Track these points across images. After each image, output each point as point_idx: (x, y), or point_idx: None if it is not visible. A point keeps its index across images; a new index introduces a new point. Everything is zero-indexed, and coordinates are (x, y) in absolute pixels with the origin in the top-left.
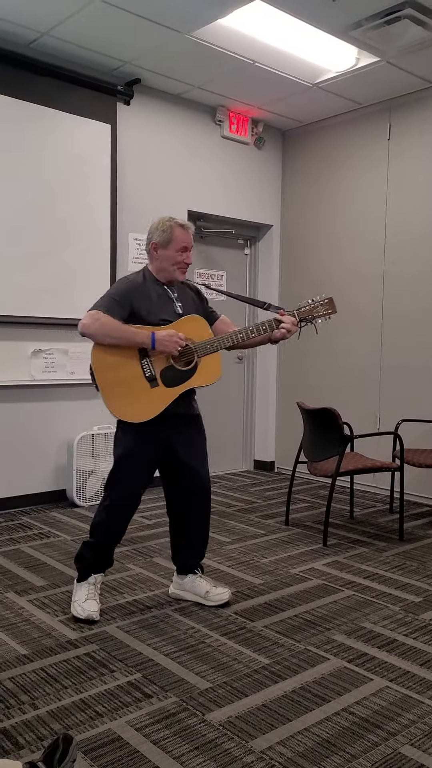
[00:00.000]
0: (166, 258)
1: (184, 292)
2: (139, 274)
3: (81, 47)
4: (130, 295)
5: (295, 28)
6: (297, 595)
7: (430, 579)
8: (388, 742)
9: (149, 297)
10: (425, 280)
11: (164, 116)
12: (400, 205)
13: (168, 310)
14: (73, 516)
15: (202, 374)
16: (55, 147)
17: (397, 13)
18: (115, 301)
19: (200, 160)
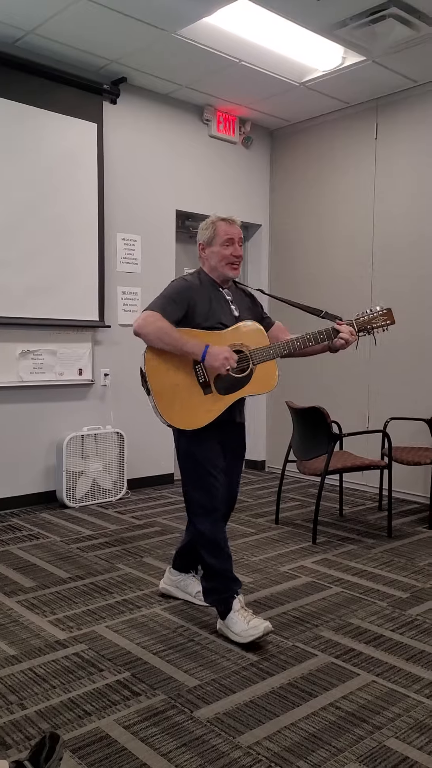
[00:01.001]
0: (213, 255)
1: (239, 295)
2: (194, 276)
3: (66, 46)
4: (188, 295)
5: (281, 26)
6: (286, 592)
7: (417, 575)
8: (374, 736)
9: (206, 299)
10: (412, 278)
11: (151, 115)
12: (388, 203)
13: (225, 312)
14: (62, 517)
15: (256, 382)
16: (41, 146)
17: (382, 12)
18: (172, 301)
19: (188, 160)
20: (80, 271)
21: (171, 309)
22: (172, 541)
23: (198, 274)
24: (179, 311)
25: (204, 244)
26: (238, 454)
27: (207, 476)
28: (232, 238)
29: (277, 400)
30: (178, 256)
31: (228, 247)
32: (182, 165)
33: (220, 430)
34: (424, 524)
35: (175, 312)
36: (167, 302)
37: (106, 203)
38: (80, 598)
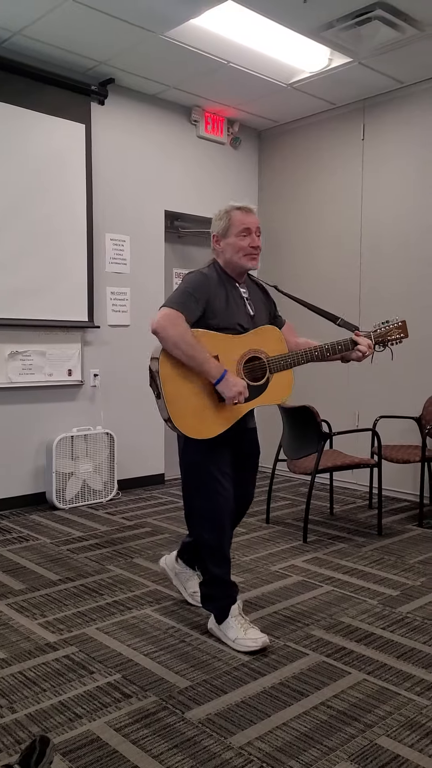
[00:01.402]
0: (230, 247)
1: (254, 290)
2: (212, 269)
3: (54, 47)
4: (208, 291)
5: (268, 28)
6: (277, 592)
7: (407, 573)
8: (365, 734)
9: (223, 296)
10: (400, 278)
11: (139, 116)
12: (375, 204)
13: (241, 312)
14: (52, 519)
15: (272, 392)
16: (29, 147)
17: (368, 14)
18: (191, 296)
19: (176, 160)
20: (69, 271)
21: (191, 306)
22: (163, 541)
23: (215, 268)
24: (198, 308)
25: (218, 235)
26: (251, 459)
27: (213, 483)
28: (249, 228)
29: None
30: (167, 256)
31: (245, 237)
32: (171, 166)
33: (230, 437)
34: (414, 522)
35: (195, 309)
36: (187, 298)
37: (94, 204)
38: (70, 600)
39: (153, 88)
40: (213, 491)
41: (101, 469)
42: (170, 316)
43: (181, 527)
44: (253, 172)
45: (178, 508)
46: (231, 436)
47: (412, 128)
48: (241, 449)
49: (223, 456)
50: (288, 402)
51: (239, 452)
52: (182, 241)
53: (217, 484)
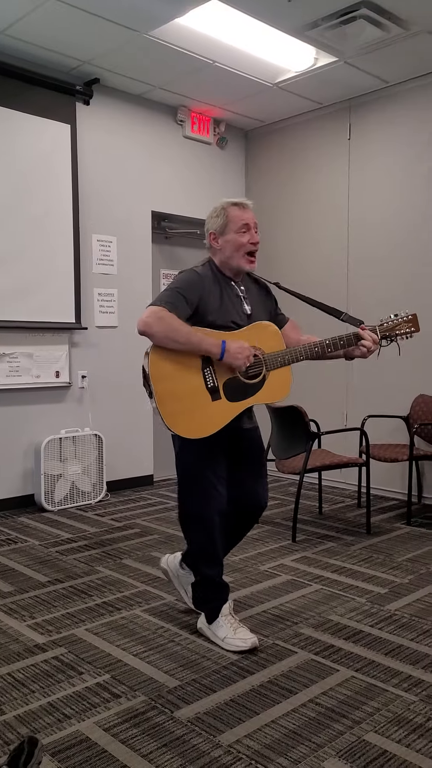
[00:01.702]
0: (228, 245)
1: (252, 289)
2: (206, 267)
3: (37, 46)
4: (199, 289)
5: (254, 28)
6: (266, 591)
7: (395, 570)
8: (353, 731)
9: (218, 294)
10: (387, 276)
11: (125, 116)
12: (362, 203)
13: (237, 310)
14: (41, 521)
15: (269, 390)
16: (14, 148)
17: (353, 14)
18: (180, 295)
19: (163, 161)
20: (56, 273)
21: (181, 304)
22: (152, 542)
23: (209, 265)
24: (189, 307)
25: (216, 233)
26: (252, 459)
27: (205, 484)
28: (248, 223)
29: None
30: (154, 257)
31: (245, 234)
32: (157, 166)
33: (225, 438)
34: (403, 520)
35: (185, 307)
36: (176, 296)
37: (80, 204)
38: (59, 601)
39: (138, 88)
40: (205, 493)
41: (90, 471)
42: (155, 312)
43: (170, 528)
44: (240, 172)
45: (167, 509)
46: (227, 436)
47: (397, 127)
48: (240, 449)
49: (217, 458)
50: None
51: (238, 453)
52: (169, 241)
53: (210, 486)
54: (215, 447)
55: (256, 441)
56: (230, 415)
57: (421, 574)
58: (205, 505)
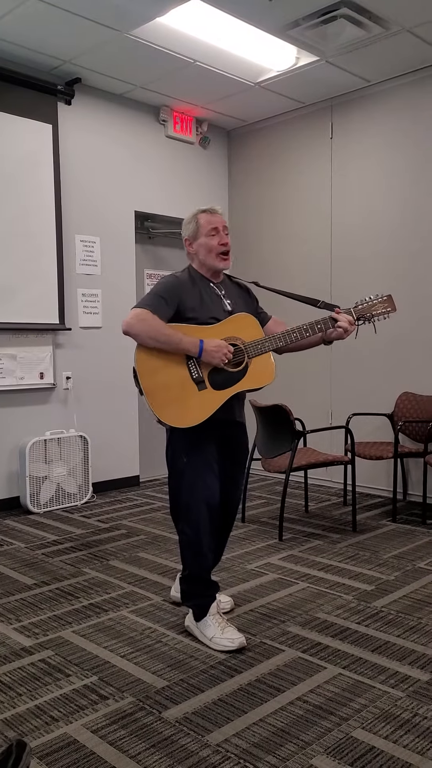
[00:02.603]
0: (201, 248)
1: (233, 289)
2: (185, 272)
3: (18, 45)
4: (178, 292)
5: (235, 27)
6: (253, 590)
7: (382, 568)
8: (341, 727)
9: (197, 295)
10: (369, 274)
11: (107, 116)
12: (344, 201)
13: (217, 308)
14: (27, 523)
15: (252, 376)
16: None
17: (333, 13)
18: (162, 299)
19: (145, 161)
20: (39, 273)
21: (161, 306)
22: (139, 543)
23: (188, 271)
24: (170, 309)
25: (190, 238)
26: (238, 456)
27: (196, 477)
28: (217, 227)
29: None
30: (138, 257)
31: (214, 236)
32: (140, 166)
33: (217, 429)
34: (388, 517)
35: (166, 309)
36: (157, 299)
37: (63, 205)
38: (46, 604)
39: (120, 87)
40: (195, 485)
41: (75, 472)
42: (137, 314)
43: (157, 528)
44: (223, 171)
45: (154, 510)
46: (218, 428)
47: (379, 126)
48: (229, 444)
49: (208, 450)
50: (261, 401)
51: (226, 448)
52: (153, 241)
53: (199, 478)
54: (205, 438)
55: (244, 437)
56: (217, 402)
57: (407, 570)
58: (193, 496)
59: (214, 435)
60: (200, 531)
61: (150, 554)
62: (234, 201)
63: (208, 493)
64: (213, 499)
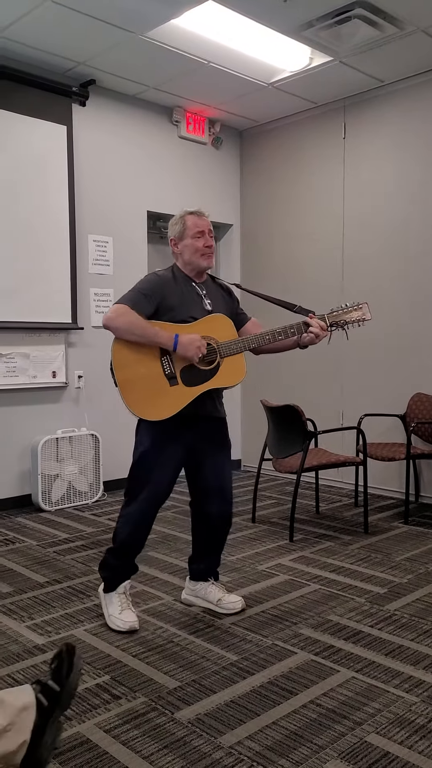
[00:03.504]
0: (186, 249)
1: (214, 290)
2: (168, 270)
3: (34, 48)
4: (160, 290)
5: (249, 28)
6: (264, 591)
7: (394, 570)
8: (355, 732)
9: (178, 293)
10: (382, 276)
11: (121, 117)
12: (357, 201)
13: (197, 307)
14: (39, 521)
15: (223, 375)
16: (10, 149)
17: (348, 13)
18: (143, 295)
19: (158, 161)
20: (52, 273)
21: (142, 303)
22: (149, 542)
23: (172, 269)
24: (150, 306)
25: (176, 239)
26: (219, 448)
27: (151, 466)
28: (203, 230)
29: (252, 399)
30: (150, 256)
31: (200, 238)
32: (153, 166)
33: (191, 425)
34: (400, 519)
35: (146, 306)
36: (138, 296)
37: (76, 205)
38: (58, 602)
39: (134, 88)
40: (145, 477)
41: (87, 471)
42: (117, 309)
43: (167, 527)
44: (235, 171)
45: (164, 509)
46: (189, 424)
47: (392, 126)
48: (205, 438)
49: (171, 444)
50: (273, 401)
51: (202, 442)
52: (165, 241)
53: (153, 468)
54: (171, 433)
55: (225, 434)
56: (187, 398)
57: (419, 573)
58: (145, 483)
59: (184, 430)
60: (141, 513)
61: (161, 553)
62: (246, 201)
63: (156, 484)
64: (161, 486)
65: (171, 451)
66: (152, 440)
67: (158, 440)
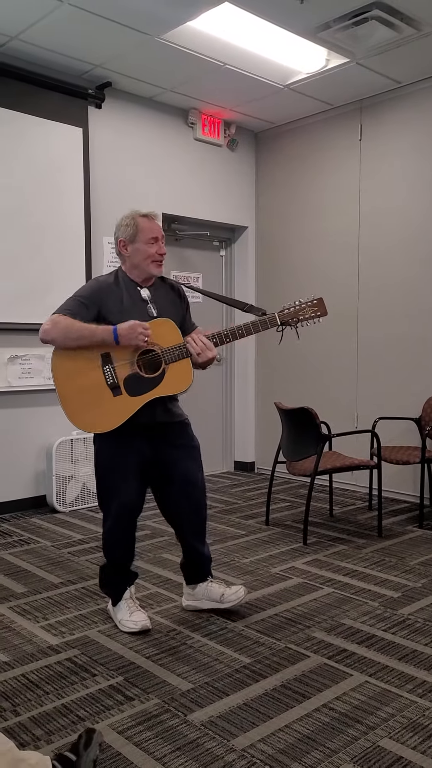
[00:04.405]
0: (137, 253)
1: (162, 292)
2: (111, 275)
3: (51, 51)
4: (99, 296)
5: (265, 29)
6: (277, 594)
7: (408, 574)
8: (368, 736)
9: (119, 299)
10: (398, 278)
11: (136, 119)
12: (373, 204)
13: (140, 312)
14: (53, 522)
15: (170, 382)
16: (27, 151)
17: (365, 15)
18: (80, 303)
19: (174, 163)
20: (67, 275)
21: (80, 310)
22: (163, 544)
23: (115, 273)
24: (89, 313)
25: (126, 241)
26: (183, 450)
27: (113, 479)
28: (157, 236)
29: (266, 401)
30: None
31: (153, 245)
32: (168, 168)
33: (148, 434)
34: (415, 523)
35: (86, 313)
36: (76, 305)
37: (92, 207)
38: (72, 602)
39: (150, 90)
40: (111, 486)
41: None
42: (52, 320)
43: None
44: (251, 173)
45: None
46: (141, 433)
47: (409, 128)
48: (163, 444)
49: (126, 459)
50: (287, 404)
51: (173, 452)
52: (180, 243)
53: (115, 480)
54: (125, 443)
55: (189, 436)
56: (132, 408)
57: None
58: (112, 497)
59: (139, 439)
60: (118, 528)
61: (174, 555)
62: (261, 203)
63: (124, 495)
64: (128, 497)
65: (130, 461)
66: (108, 452)
67: (114, 452)
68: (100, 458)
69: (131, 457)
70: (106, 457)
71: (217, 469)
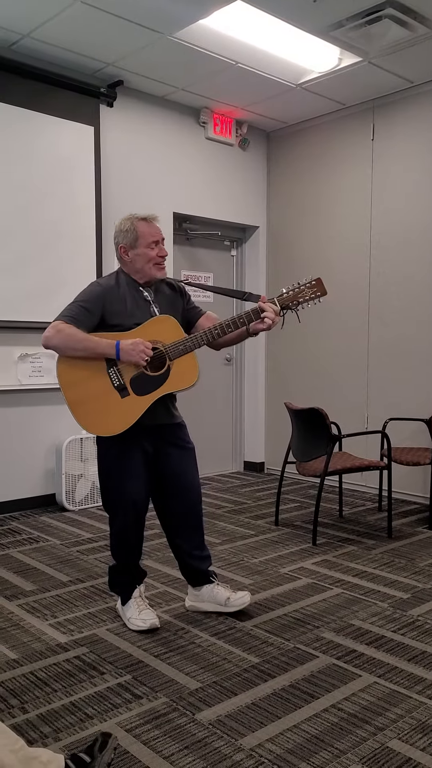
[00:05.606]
0: (139, 258)
1: (163, 292)
2: (111, 277)
3: (63, 49)
4: (101, 300)
5: (277, 28)
6: (286, 594)
7: (418, 575)
8: (376, 737)
9: (123, 301)
10: (410, 279)
11: (148, 118)
12: (385, 204)
13: (144, 313)
14: (62, 520)
15: (175, 378)
16: (38, 149)
17: (378, 13)
18: (82, 308)
19: (185, 162)
20: (78, 274)
21: (82, 316)
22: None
23: (116, 275)
24: (92, 318)
25: (126, 246)
26: (181, 452)
27: (121, 480)
28: (157, 240)
29: (275, 402)
30: (176, 258)
31: (154, 249)
32: (179, 167)
33: (148, 435)
34: (424, 525)
35: (89, 318)
36: (77, 309)
37: (103, 206)
38: (81, 601)
39: (161, 89)
40: (119, 488)
41: None
42: (54, 326)
43: None
44: (262, 173)
45: None
46: (144, 433)
47: (422, 128)
48: (162, 446)
49: (134, 454)
50: (297, 404)
51: (170, 454)
52: (191, 243)
53: (123, 481)
54: (131, 443)
55: (186, 438)
56: (142, 408)
57: None
58: (120, 497)
59: (142, 439)
60: (127, 528)
61: None
62: (273, 202)
63: (133, 494)
64: (137, 496)
65: (135, 460)
66: (114, 452)
67: (120, 452)
68: (106, 459)
69: (137, 457)
70: (112, 458)
71: (227, 469)
